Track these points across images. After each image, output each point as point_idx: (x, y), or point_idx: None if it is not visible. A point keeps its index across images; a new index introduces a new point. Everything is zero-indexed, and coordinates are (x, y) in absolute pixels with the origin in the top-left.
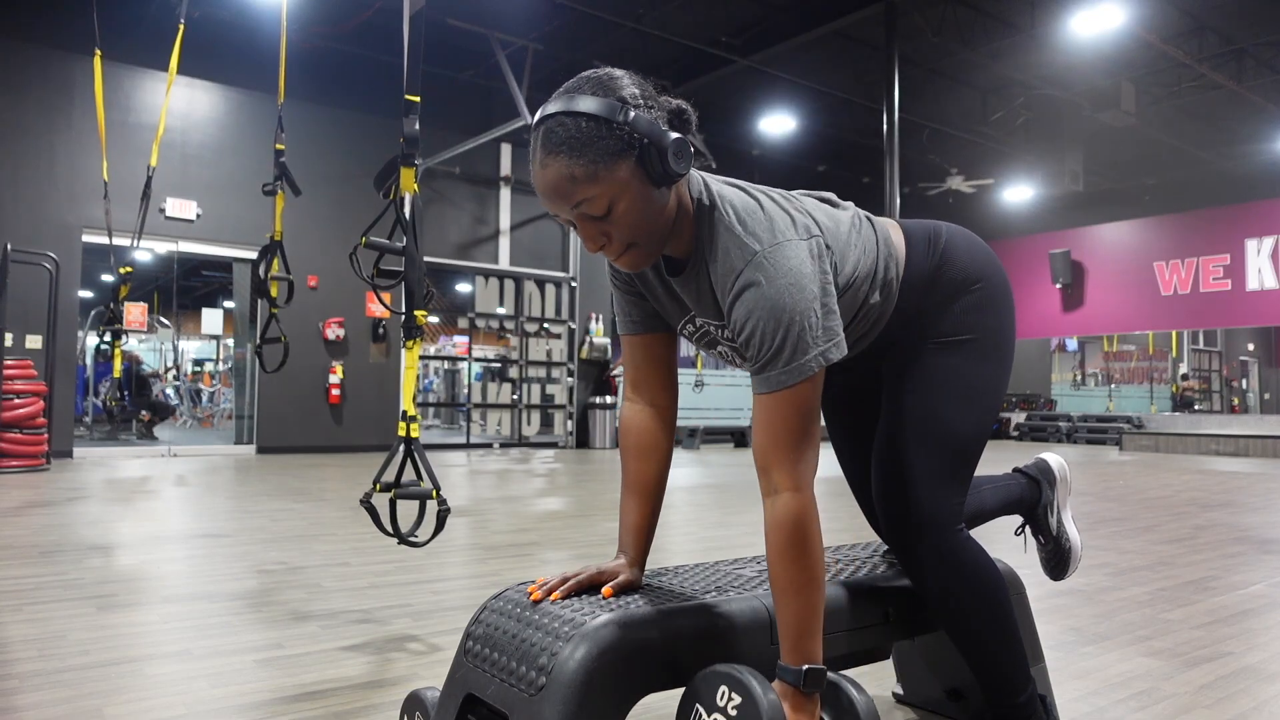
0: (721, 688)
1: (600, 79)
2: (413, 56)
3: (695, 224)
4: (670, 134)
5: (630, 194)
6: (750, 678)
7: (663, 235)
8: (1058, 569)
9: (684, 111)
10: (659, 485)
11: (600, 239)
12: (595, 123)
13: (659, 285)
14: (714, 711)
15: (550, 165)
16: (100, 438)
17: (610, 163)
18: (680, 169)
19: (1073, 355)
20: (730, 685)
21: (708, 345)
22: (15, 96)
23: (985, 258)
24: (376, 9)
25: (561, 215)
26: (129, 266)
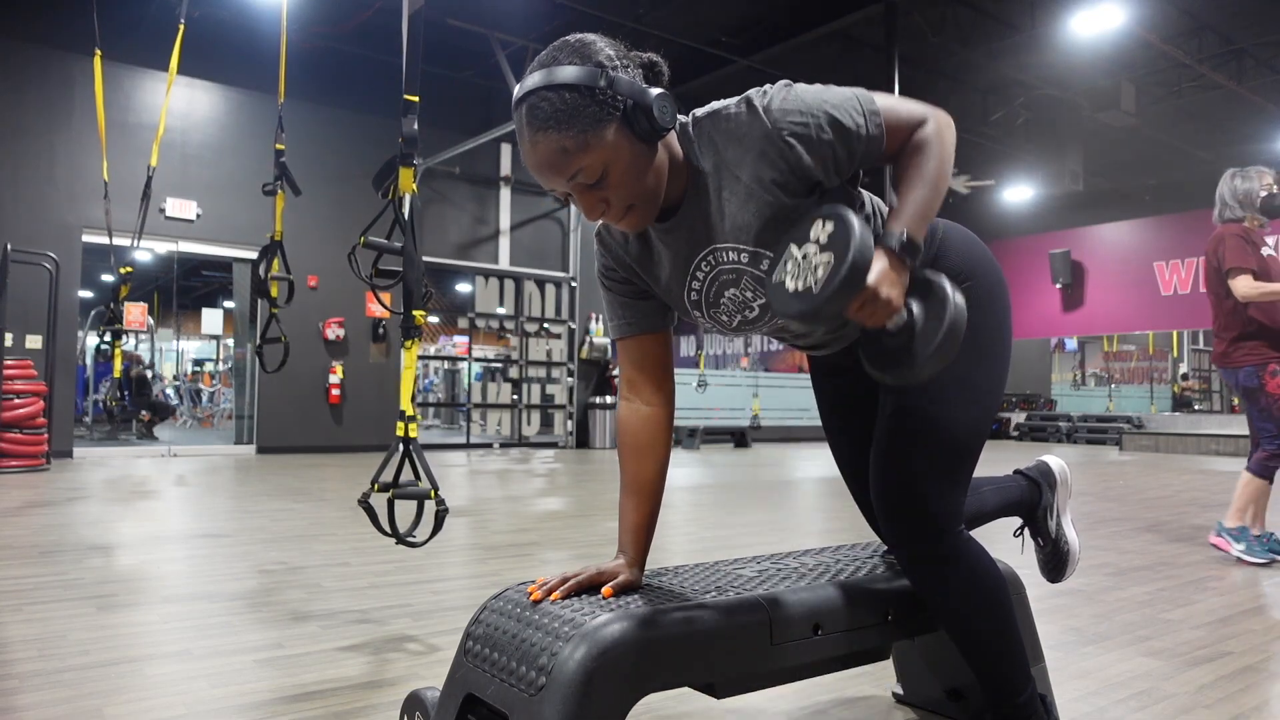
0: (818, 221)
1: (575, 46)
2: (412, 56)
3: (684, 145)
4: (652, 90)
5: (622, 156)
6: (846, 211)
7: (659, 190)
8: (1055, 571)
9: (656, 64)
10: (658, 485)
11: (599, 206)
12: (578, 92)
13: (659, 243)
14: (805, 244)
15: (540, 141)
16: (100, 438)
17: (599, 129)
18: (666, 123)
19: (1072, 355)
20: (826, 217)
21: (718, 296)
22: (15, 96)
23: (981, 255)
24: (376, 9)
25: (558, 189)
26: (129, 266)
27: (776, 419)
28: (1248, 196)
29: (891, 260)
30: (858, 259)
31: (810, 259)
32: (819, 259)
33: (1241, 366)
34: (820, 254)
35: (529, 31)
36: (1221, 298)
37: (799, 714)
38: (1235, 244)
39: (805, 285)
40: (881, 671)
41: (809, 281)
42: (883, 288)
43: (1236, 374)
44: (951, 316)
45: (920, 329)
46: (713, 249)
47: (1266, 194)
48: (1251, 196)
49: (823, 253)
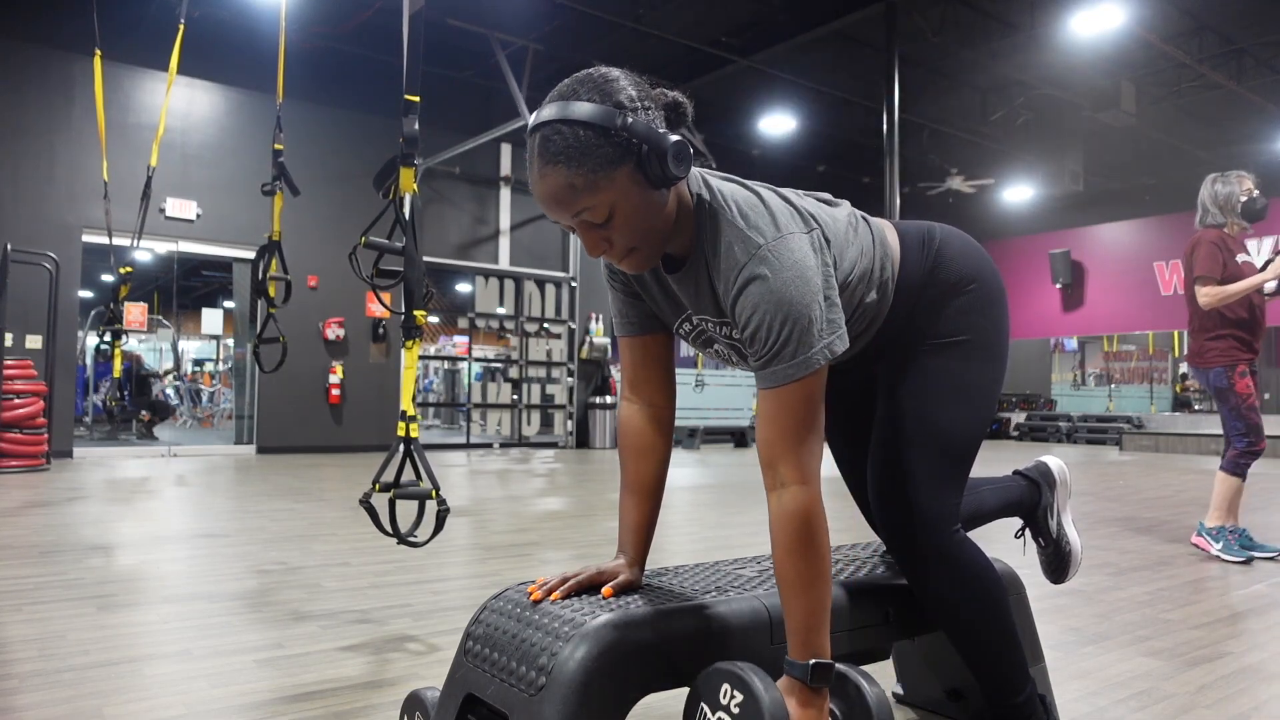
0: (724, 685)
1: (596, 81)
2: (412, 56)
3: (695, 221)
4: (669, 136)
5: (630, 199)
6: (752, 675)
7: (664, 236)
8: (1057, 572)
9: (679, 105)
10: (658, 485)
11: (602, 245)
12: (593, 131)
13: (655, 285)
14: (718, 710)
15: (549, 175)
16: (100, 438)
17: (609, 170)
18: (680, 172)
19: (1072, 355)
20: (732, 683)
21: (704, 344)
22: (15, 96)
23: (979, 258)
24: (376, 9)
25: (562, 222)
26: (129, 266)
27: None
28: (1228, 201)
29: (804, 698)
30: None
31: None
32: None
33: (1212, 367)
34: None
35: (529, 31)
36: (1195, 299)
37: None
38: (1208, 250)
39: None
40: (881, 671)
41: None
42: None
43: (1207, 374)
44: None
45: None
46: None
47: (1246, 198)
48: (1232, 201)
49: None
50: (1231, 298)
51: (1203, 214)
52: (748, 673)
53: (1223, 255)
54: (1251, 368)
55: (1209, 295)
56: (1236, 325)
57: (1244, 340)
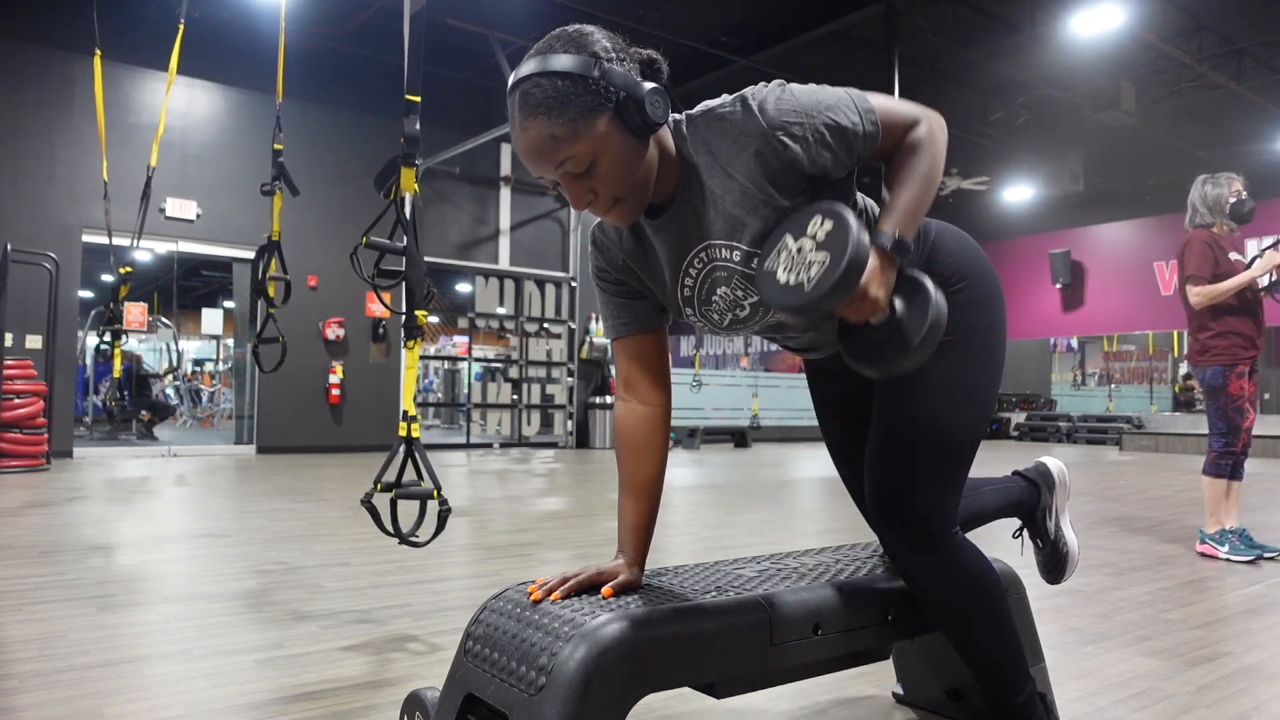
0: (816, 216)
1: (572, 35)
2: (413, 56)
3: (677, 142)
4: (645, 84)
5: (611, 148)
6: (846, 211)
7: (647, 184)
8: (1054, 573)
9: (655, 61)
10: (656, 484)
11: (587, 195)
12: (571, 80)
13: (643, 248)
14: (802, 238)
15: (530, 127)
16: (100, 438)
17: (589, 119)
18: (658, 118)
19: (1072, 355)
20: (825, 214)
21: (709, 295)
22: (15, 96)
23: (973, 256)
24: (376, 9)
25: (546, 176)
26: (129, 266)
27: (776, 419)
28: (1217, 202)
29: (881, 260)
30: (853, 264)
31: (805, 254)
32: (814, 256)
33: (1210, 365)
34: (816, 251)
35: (529, 31)
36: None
37: (799, 714)
38: (1199, 249)
39: (797, 280)
40: (881, 671)
41: (801, 277)
42: (871, 287)
43: (1205, 371)
44: (933, 316)
45: (903, 326)
46: (706, 245)
47: (1235, 200)
48: (1221, 202)
49: (819, 250)
50: (1221, 295)
51: (1192, 214)
52: (842, 209)
53: (1214, 253)
54: (1253, 366)
55: (1200, 294)
56: (1238, 323)
57: (1247, 337)
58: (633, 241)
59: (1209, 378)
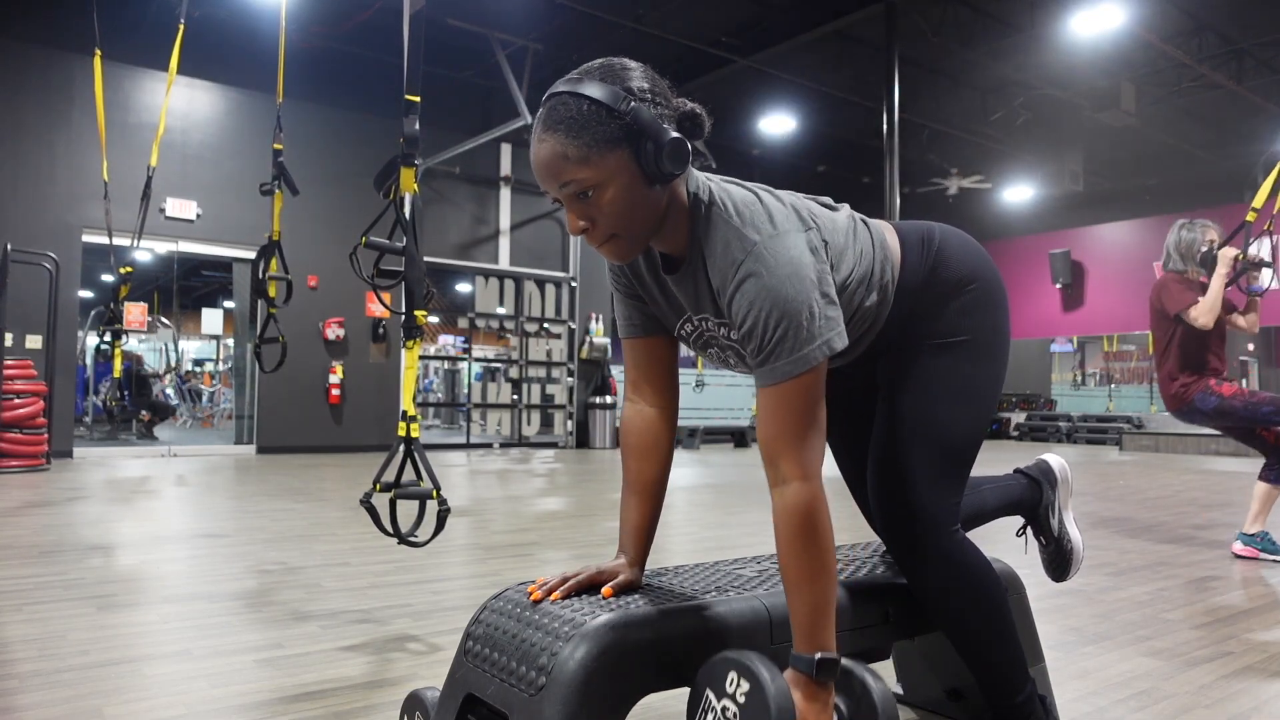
0: (731, 674)
1: (613, 67)
2: (413, 56)
3: (691, 221)
4: (670, 132)
5: (618, 184)
6: (759, 664)
7: (648, 231)
8: (1059, 570)
9: (696, 116)
10: (659, 486)
11: (584, 222)
12: (596, 107)
13: (655, 286)
14: (723, 698)
15: (546, 141)
16: (100, 438)
17: (603, 149)
18: (674, 169)
19: (1072, 355)
20: (739, 671)
21: (704, 346)
22: (15, 96)
23: (979, 258)
24: (376, 9)
25: (551, 191)
26: (129, 266)
27: None
28: (1190, 248)
29: (810, 691)
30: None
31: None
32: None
33: (1193, 395)
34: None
35: (529, 31)
36: (1162, 343)
37: None
38: (1176, 289)
39: None
40: (882, 671)
41: None
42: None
43: (1193, 404)
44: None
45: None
46: (702, 315)
47: (1206, 249)
48: (1193, 249)
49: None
50: (1215, 304)
51: (1166, 258)
52: (754, 662)
53: (1191, 292)
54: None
55: (1200, 311)
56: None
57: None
58: (648, 269)
59: (1199, 404)
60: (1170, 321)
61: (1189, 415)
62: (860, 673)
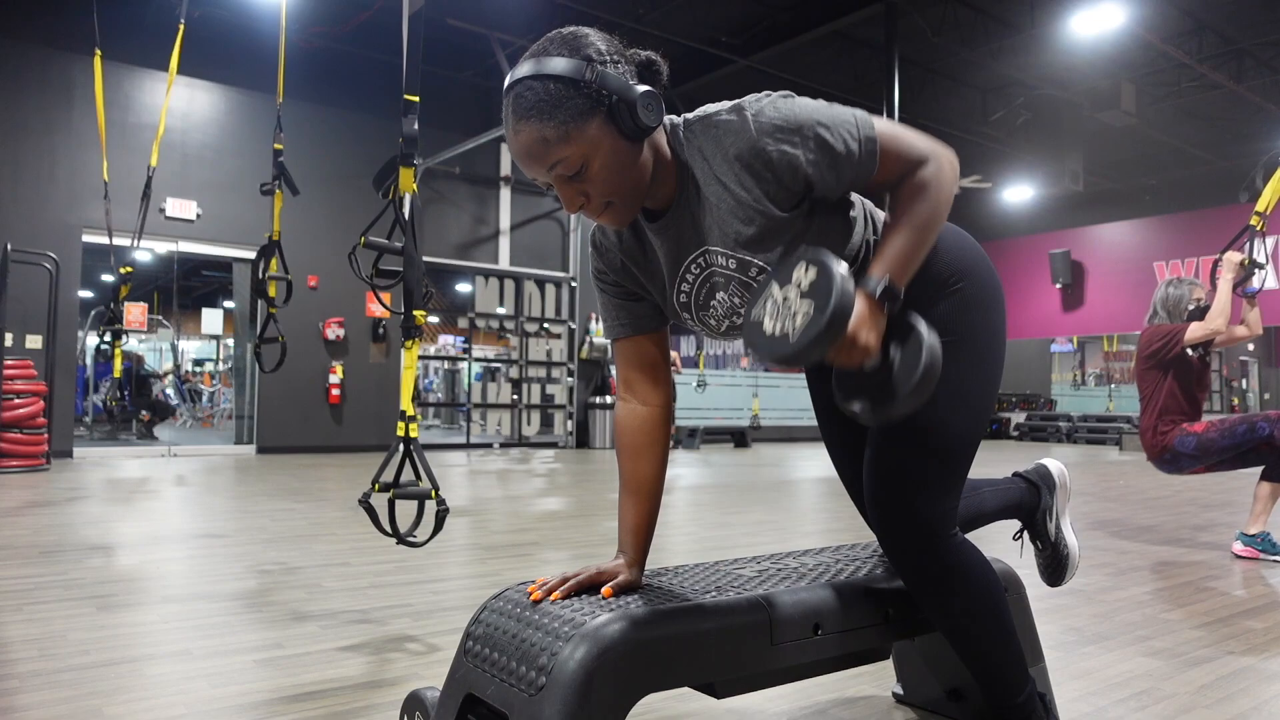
0: (801, 264)
1: (567, 38)
2: (412, 56)
3: (674, 155)
4: (638, 87)
5: (603, 151)
6: (829, 258)
7: (640, 189)
8: (1055, 575)
9: (653, 63)
10: (656, 484)
11: (579, 198)
12: (563, 83)
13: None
14: (786, 285)
15: (523, 130)
16: (100, 438)
17: (581, 122)
18: (650, 121)
19: (1072, 355)
20: (810, 261)
21: (706, 300)
22: (15, 96)
23: (972, 255)
24: (376, 9)
25: (539, 178)
26: (129, 266)
27: (776, 419)
28: (1176, 305)
29: (870, 306)
30: (837, 313)
31: (790, 303)
32: (799, 306)
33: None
34: (800, 300)
35: (529, 31)
36: (1148, 394)
37: (799, 714)
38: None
39: (783, 330)
40: (881, 671)
41: (787, 327)
42: (860, 334)
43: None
44: (926, 363)
45: (896, 372)
46: (703, 251)
47: (1194, 307)
48: (1180, 305)
49: (803, 300)
50: (1225, 306)
51: (1151, 314)
52: (826, 256)
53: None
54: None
55: (1212, 316)
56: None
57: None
58: (634, 242)
59: (1179, 447)
60: (1158, 371)
61: (1174, 463)
62: (920, 330)
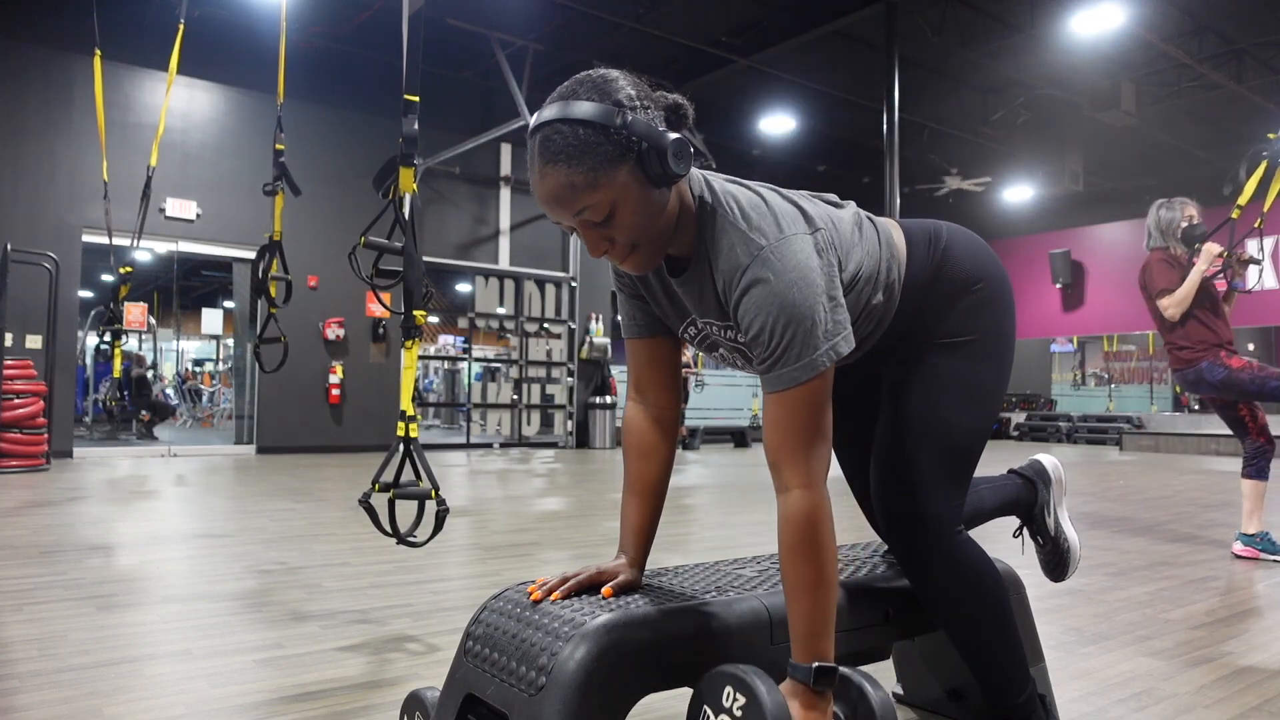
0: (727, 688)
1: (596, 82)
2: (412, 56)
3: (698, 222)
4: (669, 134)
5: (631, 198)
6: (755, 678)
7: (665, 236)
8: (1057, 570)
9: (680, 107)
10: (660, 486)
11: (603, 244)
12: (592, 129)
13: (660, 288)
14: (721, 713)
15: (549, 174)
16: (100, 438)
17: (609, 169)
18: (680, 170)
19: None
20: (735, 685)
21: (709, 348)
22: (15, 96)
23: (986, 258)
24: (376, 9)
25: (564, 222)
26: (129, 266)
27: None
28: (1169, 226)
29: (808, 700)
30: None
31: None
32: None
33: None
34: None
35: (529, 31)
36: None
37: None
38: (1160, 268)
39: None
40: (881, 671)
41: None
42: None
43: (1201, 373)
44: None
45: None
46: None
47: (1186, 224)
48: (1173, 226)
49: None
50: (1187, 299)
51: (1148, 238)
52: (750, 675)
53: (1175, 271)
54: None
55: (1170, 303)
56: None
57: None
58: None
59: (1207, 374)
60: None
61: (1195, 383)
62: (858, 680)
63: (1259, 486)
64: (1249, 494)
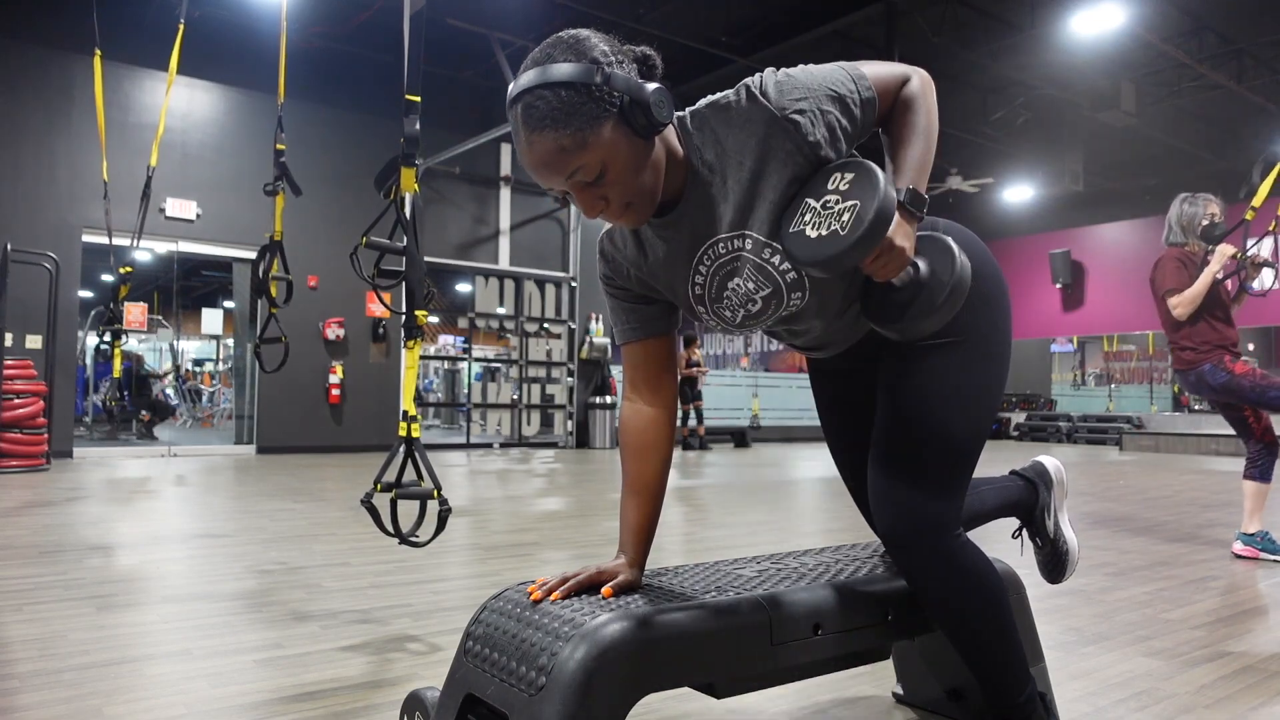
0: (835, 173)
1: (569, 42)
2: (413, 56)
3: (685, 147)
4: (648, 85)
5: (620, 153)
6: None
7: (657, 185)
8: (1055, 572)
9: (649, 58)
10: (659, 485)
11: (598, 203)
12: (574, 90)
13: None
14: (824, 194)
15: (537, 141)
16: (100, 438)
17: (596, 127)
18: (664, 118)
19: (1072, 355)
20: (842, 168)
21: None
22: (15, 96)
23: (982, 254)
24: (376, 9)
25: (556, 187)
26: (129, 266)
27: (776, 419)
28: (1191, 221)
29: (902, 213)
30: (884, 204)
31: (831, 207)
32: (841, 205)
33: (1200, 364)
34: (842, 201)
35: (529, 31)
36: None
37: (799, 714)
38: (1172, 266)
39: (829, 230)
40: (881, 671)
41: (833, 226)
42: (896, 238)
43: (1201, 373)
44: (957, 274)
45: (927, 284)
46: (715, 240)
47: (1208, 222)
48: (1194, 222)
49: (845, 200)
50: (1198, 299)
51: (1167, 232)
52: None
53: (1186, 270)
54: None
55: (1179, 303)
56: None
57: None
58: (635, 248)
59: (1209, 377)
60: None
61: (1196, 385)
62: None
63: (1261, 488)
64: (1250, 495)
